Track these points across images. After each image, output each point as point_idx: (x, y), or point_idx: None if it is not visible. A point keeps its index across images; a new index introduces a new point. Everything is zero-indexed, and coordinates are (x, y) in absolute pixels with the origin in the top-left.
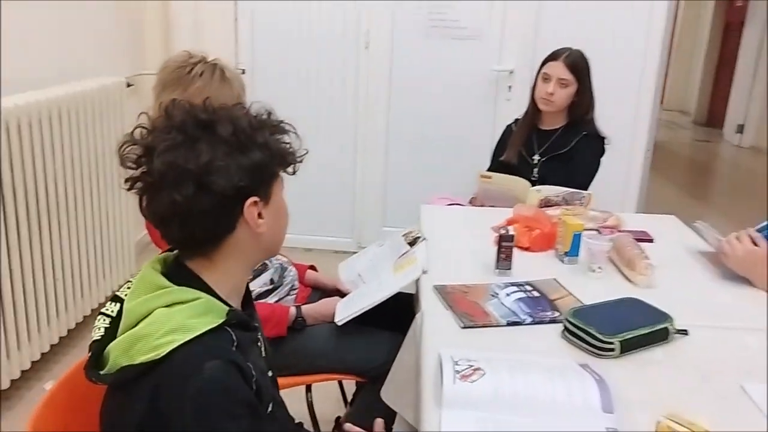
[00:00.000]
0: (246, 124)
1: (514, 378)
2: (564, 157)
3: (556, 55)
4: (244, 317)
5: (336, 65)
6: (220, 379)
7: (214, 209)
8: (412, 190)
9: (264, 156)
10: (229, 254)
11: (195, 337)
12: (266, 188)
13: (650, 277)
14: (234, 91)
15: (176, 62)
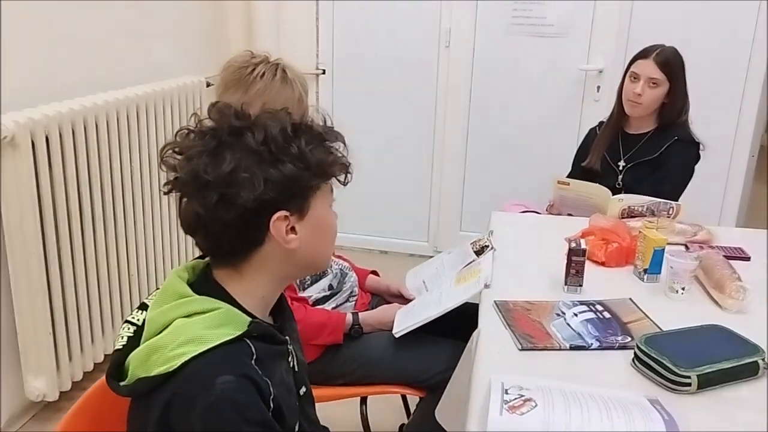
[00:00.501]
0: (278, 133)
1: (569, 413)
2: (652, 164)
3: (647, 53)
4: (268, 330)
5: (416, 65)
6: (232, 397)
7: (238, 222)
8: (490, 195)
9: (297, 168)
10: (258, 268)
11: (210, 348)
12: (301, 202)
13: (742, 302)
14: (295, 92)
15: (238, 62)
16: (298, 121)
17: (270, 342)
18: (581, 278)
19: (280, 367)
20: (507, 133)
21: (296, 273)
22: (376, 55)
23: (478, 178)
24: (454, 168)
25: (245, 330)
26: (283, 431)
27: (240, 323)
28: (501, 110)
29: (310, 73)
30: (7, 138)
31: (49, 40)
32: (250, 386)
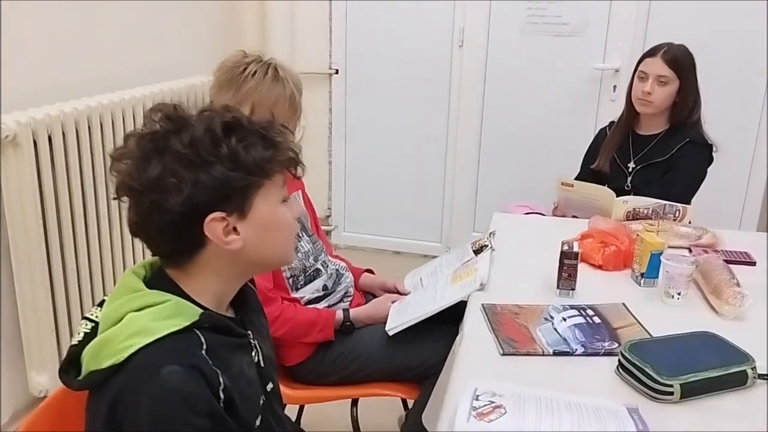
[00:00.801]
0: (203, 135)
1: (540, 422)
2: (662, 166)
3: (654, 51)
4: (222, 321)
5: (429, 65)
6: (177, 387)
7: (171, 227)
8: (503, 195)
9: (227, 169)
10: (205, 267)
11: (157, 339)
12: (240, 202)
13: (739, 308)
14: (287, 90)
15: (231, 62)
16: (230, 120)
17: (225, 334)
18: (574, 282)
19: (238, 360)
20: (521, 133)
21: (251, 270)
22: (389, 54)
23: (491, 179)
24: (467, 168)
25: (195, 321)
26: (238, 423)
27: (190, 315)
28: (515, 110)
29: (323, 72)
30: (9, 137)
31: (57, 40)
32: (197, 376)
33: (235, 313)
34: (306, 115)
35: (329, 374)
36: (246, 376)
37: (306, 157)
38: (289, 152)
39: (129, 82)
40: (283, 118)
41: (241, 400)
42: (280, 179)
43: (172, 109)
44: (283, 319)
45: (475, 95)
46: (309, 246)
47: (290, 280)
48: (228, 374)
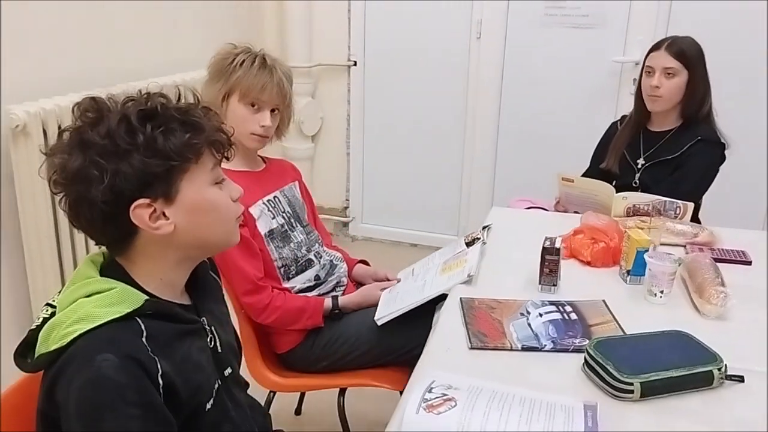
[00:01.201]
0: (117, 125)
1: (488, 414)
2: (672, 163)
3: (659, 45)
4: (169, 308)
5: (447, 57)
6: (109, 375)
7: (99, 217)
8: (520, 188)
9: (145, 157)
10: (145, 253)
11: (98, 326)
12: (164, 187)
13: (721, 308)
14: (275, 77)
15: (221, 54)
16: (147, 107)
17: (172, 320)
18: (555, 278)
19: (187, 345)
20: (539, 126)
21: (194, 254)
22: (407, 46)
23: (508, 171)
24: (484, 160)
25: (137, 308)
26: (183, 407)
27: (133, 302)
28: (533, 102)
29: (342, 64)
30: (19, 127)
31: (72, 32)
32: (133, 366)
33: (191, 300)
34: (324, 106)
35: (320, 360)
36: (194, 362)
37: (324, 148)
38: (213, 135)
39: (144, 74)
40: (272, 105)
41: (186, 385)
42: (208, 161)
43: (90, 102)
44: (273, 307)
45: (493, 88)
46: (302, 236)
47: (281, 270)
48: (170, 360)
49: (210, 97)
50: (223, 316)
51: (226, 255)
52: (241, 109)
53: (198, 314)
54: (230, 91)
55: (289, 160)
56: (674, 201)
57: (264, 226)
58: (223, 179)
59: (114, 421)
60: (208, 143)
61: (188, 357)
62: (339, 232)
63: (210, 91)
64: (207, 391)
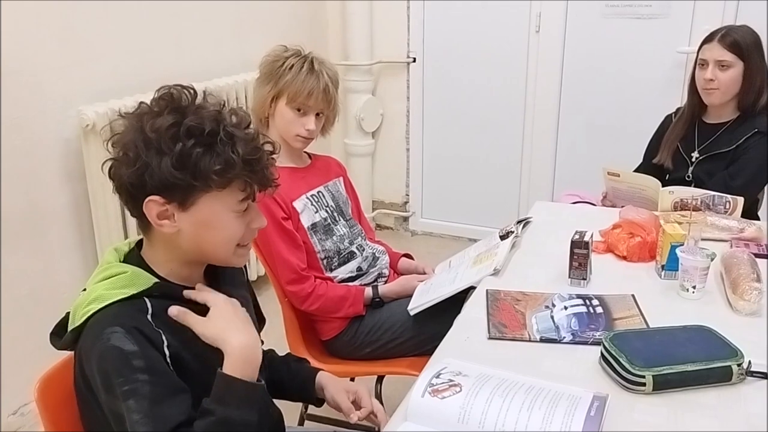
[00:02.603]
0: (166, 127)
1: (491, 401)
2: (727, 157)
3: (711, 36)
4: (177, 291)
5: (506, 51)
6: (116, 344)
7: (123, 191)
8: (582, 184)
9: (173, 166)
10: (159, 241)
11: (107, 305)
12: (182, 196)
13: (755, 304)
14: (321, 82)
15: (271, 57)
16: (199, 124)
17: (183, 303)
18: (585, 271)
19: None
20: (600, 119)
21: (195, 257)
22: (465, 41)
23: (568, 165)
24: (545, 155)
25: (145, 289)
26: (196, 379)
27: (142, 284)
28: (594, 96)
29: (401, 61)
30: (89, 126)
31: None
32: (138, 335)
33: (207, 284)
34: (384, 103)
35: (364, 346)
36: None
37: (384, 144)
38: (251, 175)
39: (210, 74)
40: (318, 109)
41: (197, 360)
42: (237, 193)
43: (168, 92)
44: (316, 295)
45: (553, 81)
46: (345, 230)
47: (324, 261)
48: (177, 337)
49: (260, 98)
50: (243, 300)
51: (271, 246)
52: (288, 112)
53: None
54: (278, 94)
55: (351, 156)
56: (723, 195)
57: (307, 219)
58: (247, 209)
59: (125, 385)
60: (240, 181)
61: (198, 337)
62: (399, 226)
63: (260, 92)
64: (212, 368)
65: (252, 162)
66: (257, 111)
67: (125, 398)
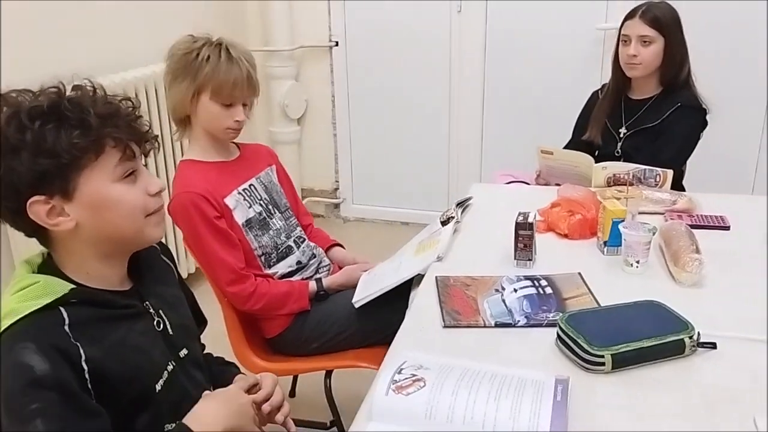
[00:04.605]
0: (7, 122)
1: (457, 393)
2: (653, 131)
3: (633, 13)
4: (97, 296)
5: (428, 32)
6: (25, 362)
7: (5, 210)
8: (509, 161)
9: (34, 155)
10: (65, 249)
11: (21, 319)
12: (61, 184)
13: (696, 275)
14: (243, 70)
15: (182, 49)
16: (40, 104)
17: (103, 306)
18: (530, 252)
19: (124, 329)
20: (524, 98)
21: (111, 249)
22: (387, 24)
23: (495, 145)
24: (471, 135)
25: (59, 298)
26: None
27: (56, 292)
28: (517, 75)
29: (323, 45)
30: None
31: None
32: (52, 352)
33: (133, 285)
34: (308, 88)
35: (310, 341)
36: (132, 344)
37: (310, 130)
38: (115, 131)
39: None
40: (243, 98)
41: (123, 367)
42: (112, 157)
43: None
44: (258, 294)
45: (476, 61)
46: (281, 223)
47: (262, 258)
48: (98, 345)
49: (178, 96)
50: (175, 299)
51: (206, 247)
52: (213, 106)
53: (141, 299)
54: (199, 89)
55: (276, 144)
56: (653, 169)
57: (241, 215)
58: (133, 172)
59: (33, 403)
60: (111, 139)
61: (124, 341)
62: (330, 214)
63: (177, 90)
64: (154, 373)
65: (110, 116)
66: (177, 111)
67: (32, 417)
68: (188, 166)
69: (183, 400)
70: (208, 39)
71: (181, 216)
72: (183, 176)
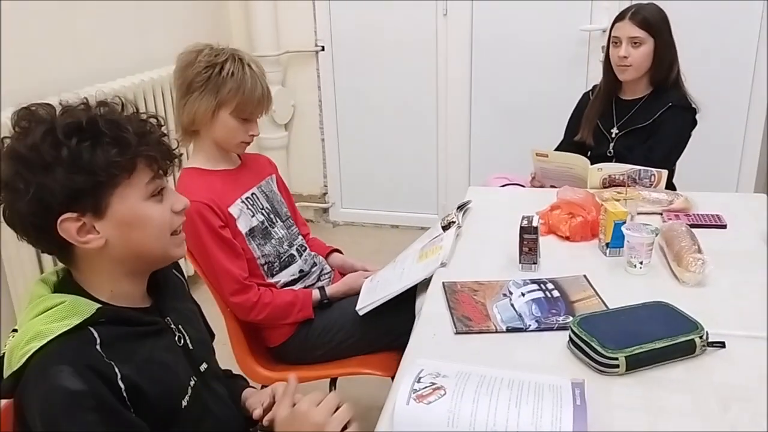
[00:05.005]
0: (41, 138)
1: (477, 402)
2: (645, 131)
3: (623, 15)
4: (122, 313)
5: (415, 36)
6: (63, 385)
7: (31, 228)
8: (498, 163)
9: (69, 172)
10: (89, 265)
11: (51, 341)
12: (93, 202)
13: (699, 275)
14: (264, 86)
15: (202, 62)
16: (76, 120)
17: (129, 324)
18: (535, 256)
19: (149, 346)
20: (511, 100)
21: (136, 267)
22: (373, 28)
23: (483, 146)
24: (459, 137)
25: (89, 317)
26: (154, 406)
27: (84, 312)
28: (504, 77)
29: (309, 50)
30: None
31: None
32: (87, 373)
33: (152, 302)
34: (295, 94)
35: (316, 348)
36: (158, 361)
37: (298, 136)
38: (148, 149)
39: (110, 76)
40: (261, 114)
41: (153, 384)
42: (144, 175)
43: (24, 112)
44: (262, 304)
45: (463, 63)
46: (283, 232)
47: (264, 267)
48: (130, 363)
49: (197, 109)
50: (191, 314)
51: (210, 257)
52: (231, 121)
53: (161, 315)
54: (221, 104)
55: (264, 150)
56: (648, 169)
57: (244, 224)
58: (162, 189)
59: (75, 427)
60: (143, 157)
61: (151, 357)
62: (320, 218)
63: (195, 104)
64: (180, 389)
65: (145, 134)
66: (195, 124)
67: None
68: (192, 174)
69: (205, 415)
70: (229, 52)
71: (186, 225)
72: (187, 185)
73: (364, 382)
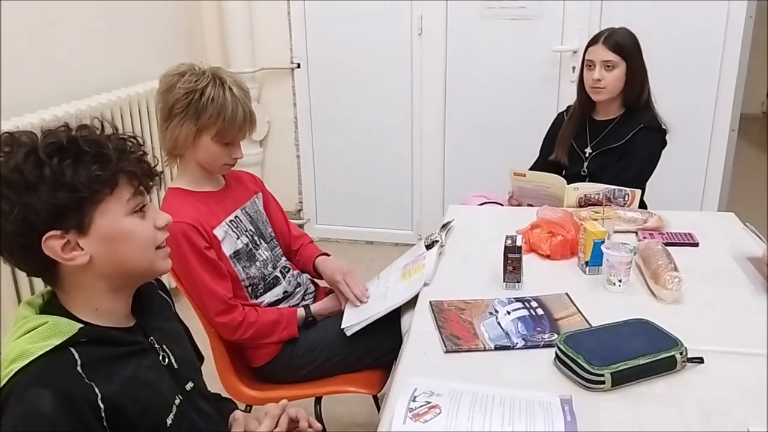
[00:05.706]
0: (23, 158)
1: (472, 419)
2: (617, 151)
3: (596, 39)
4: (105, 334)
5: (390, 54)
6: (40, 410)
7: (16, 248)
8: (472, 181)
9: (52, 190)
10: (73, 284)
11: (32, 362)
12: (77, 219)
13: (676, 292)
14: (246, 109)
15: (183, 88)
16: (57, 141)
17: (112, 344)
18: (519, 275)
19: (133, 366)
20: (484, 118)
21: (122, 283)
22: (349, 45)
23: (458, 164)
24: (434, 155)
25: (69, 338)
26: (136, 425)
27: (65, 332)
28: (477, 95)
29: (285, 67)
30: None
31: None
32: (66, 398)
33: (136, 322)
34: (270, 110)
35: (300, 368)
36: (141, 381)
37: (273, 152)
38: (128, 165)
39: (84, 93)
40: (243, 137)
41: (136, 404)
42: (125, 192)
43: (6, 137)
44: (248, 323)
45: (438, 82)
46: (267, 254)
47: (249, 289)
48: (112, 383)
49: (178, 134)
50: (176, 334)
51: (195, 278)
52: (213, 146)
53: (145, 335)
54: (202, 130)
55: (240, 166)
56: (622, 189)
57: (229, 247)
58: (144, 206)
59: None
60: (124, 173)
61: (134, 377)
62: None
63: (176, 129)
64: (164, 407)
65: (125, 151)
66: (178, 148)
67: None
68: (177, 195)
69: None
70: (208, 74)
71: (171, 245)
72: (172, 205)
73: (344, 399)
